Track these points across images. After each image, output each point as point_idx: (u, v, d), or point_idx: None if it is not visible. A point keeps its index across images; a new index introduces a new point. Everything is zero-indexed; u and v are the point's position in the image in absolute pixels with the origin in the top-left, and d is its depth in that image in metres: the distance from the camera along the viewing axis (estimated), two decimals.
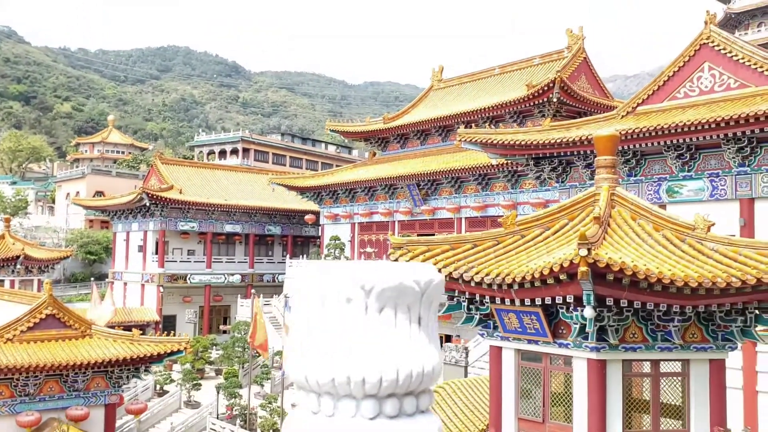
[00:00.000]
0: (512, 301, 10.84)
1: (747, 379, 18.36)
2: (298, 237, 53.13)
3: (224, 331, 45.97)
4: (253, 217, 50.03)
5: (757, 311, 10.55)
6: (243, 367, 34.43)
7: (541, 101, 32.83)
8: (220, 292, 48.55)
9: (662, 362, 10.66)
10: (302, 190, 45.02)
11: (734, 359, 18.02)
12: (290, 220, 51.94)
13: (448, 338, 33.27)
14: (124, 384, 20.28)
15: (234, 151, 78.81)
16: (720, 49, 20.26)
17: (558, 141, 21.25)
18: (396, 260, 11.41)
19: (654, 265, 9.94)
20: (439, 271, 11.14)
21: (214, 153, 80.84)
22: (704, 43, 20.56)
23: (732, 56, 20.05)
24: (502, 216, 13.51)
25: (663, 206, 20.47)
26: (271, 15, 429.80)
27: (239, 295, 44.83)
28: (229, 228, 49.09)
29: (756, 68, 19.57)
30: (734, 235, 17.96)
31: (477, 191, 35.29)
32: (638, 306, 10.01)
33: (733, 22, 68.93)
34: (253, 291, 34.40)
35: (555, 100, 32.04)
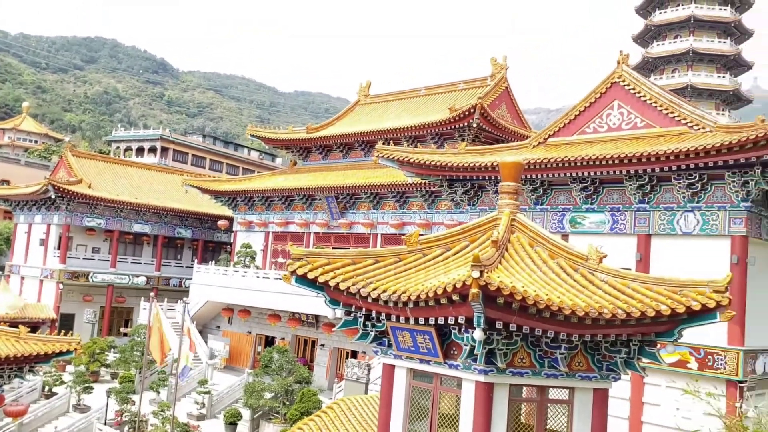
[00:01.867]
0: (407, 320, 10.78)
1: (633, 410, 18.99)
2: (210, 242, 51.93)
3: (124, 334, 44.31)
4: (163, 219, 48.57)
5: (640, 344, 10.88)
6: (140, 372, 33.15)
7: (461, 125, 33.36)
8: (124, 294, 46.79)
9: (551, 389, 10.83)
10: (217, 195, 44.05)
11: (622, 390, 18.67)
12: (203, 224, 50.73)
13: (354, 354, 33.10)
14: (5, 384, 19.10)
15: (152, 150, 76.56)
16: (630, 89, 21.12)
17: (471, 165, 21.57)
18: (294, 272, 11.20)
19: (545, 291, 10.09)
20: (337, 285, 10.98)
21: (131, 150, 78.27)
22: (615, 82, 21.40)
23: (640, 97, 20.93)
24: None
25: (566, 236, 21.09)
26: (203, 15, 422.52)
27: (143, 298, 43.28)
28: (137, 228, 47.47)
29: (661, 110, 20.49)
30: (630, 269, 18.67)
31: (395, 208, 35.46)
32: (527, 331, 10.13)
33: (650, 66, 72.47)
34: (151, 294, 33.16)
35: (475, 125, 32.62)
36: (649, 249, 19.78)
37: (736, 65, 71.47)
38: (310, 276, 11.10)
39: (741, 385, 17.63)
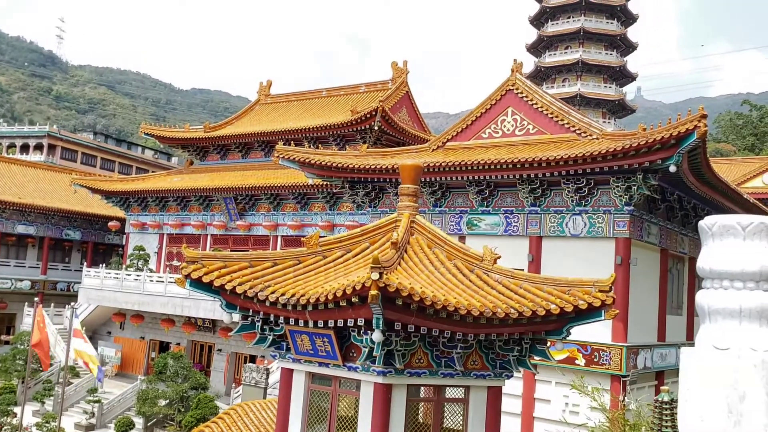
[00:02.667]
0: (306, 323, 10.70)
1: (525, 406, 19.68)
2: (101, 244, 49.64)
3: (6, 342, 41.62)
4: (50, 219, 45.99)
5: (531, 342, 11.28)
6: (23, 382, 31.22)
7: (363, 128, 33.55)
8: (6, 299, 43.94)
9: (447, 388, 11.04)
10: (108, 195, 42.14)
11: (515, 387, 19.31)
12: (93, 225, 48.41)
13: (253, 358, 32.56)
14: None
15: (39, 147, 72.32)
16: (523, 97, 21.92)
17: (372, 167, 21.72)
18: (188, 275, 10.87)
19: (442, 292, 10.29)
20: (234, 289, 10.74)
21: (15, 147, 73.63)
22: (509, 90, 22.16)
23: (533, 104, 21.77)
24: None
25: (463, 237, 21.63)
26: (96, 6, 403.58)
27: (27, 303, 40.79)
28: (21, 229, 44.71)
29: (552, 118, 21.39)
30: (523, 269, 19.35)
31: (296, 210, 35.15)
32: (425, 332, 10.29)
33: (543, 75, 75.56)
34: (36, 299, 31.32)
35: (376, 128, 32.90)
36: (540, 250, 20.58)
37: (621, 76, 75.73)
38: (206, 279, 10.81)
39: (624, 379, 18.66)
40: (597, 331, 18.11)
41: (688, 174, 18.00)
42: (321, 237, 12.13)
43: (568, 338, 11.26)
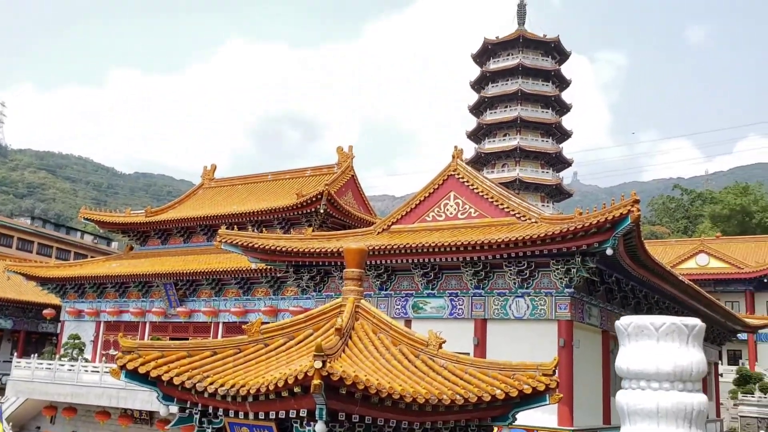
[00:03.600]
0: (246, 415, 10.32)
1: None
2: (33, 333, 47.42)
3: None
4: None
5: (477, 428, 11.12)
6: None
7: (309, 211, 33.62)
8: None
9: None
10: (44, 281, 40.61)
11: None
12: (26, 313, 46.35)
13: None
14: None
15: None
16: (464, 182, 22.48)
17: (317, 250, 21.66)
18: (123, 366, 10.45)
19: (387, 380, 10.12)
20: (171, 380, 10.33)
21: None
22: (451, 175, 22.71)
23: (473, 189, 22.32)
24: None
25: (409, 321, 21.54)
26: (38, 91, 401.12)
27: None
28: None
29: (492, 201, 21.93)
30: (469, 353, 19.28)
31: (238, 295, 34.50)
32: (370, 421, 10.03)
33: (483, 161, 77.87)
34: None
35: (322, 211, 33.01)
36: (485, 333, 20.63)
37: (557, 162, 78.67)
38: (142, 371, 10.39)
39: None
40: (543, 416, 17.99)
41: (624, 257, 18.54)
42: (263, 324, 11.90)
43: (514, 424, 11.17)
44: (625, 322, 2.08)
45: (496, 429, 11.45)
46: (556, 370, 11.22)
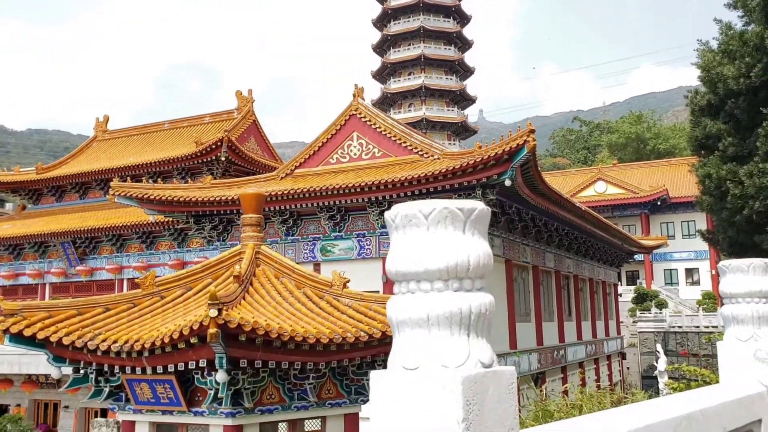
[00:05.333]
0: (144, 370, 9.96)
1: None
2: None
3: None
4: None
5: (384, 363, 11.20)
6: None
7: (209, 159, 32.57)
8: None
9: (306, 421, 10.68)
10: None
11: None
12: None
13: (104, 412, 30.26)
14: None
15: None
16: (366, 121, 22.19)
17: (217, 199, 21.03)
18: (6, 330, 9.81)
19: (290, 323, 9.97)
20: (60, 341, 9.81)
21: None
22: (353, 114, 22.37)
23: (376, 128, 22.09)
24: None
25: (318, 265, 21.42)
26: None
27: None
28: None
29: (395, 140, 21.80)
30: (378, 291, 19.42)
31: (141, 250, 33.37)
32: (274, 366, 9.90)
33: (389, 101, 77.64)
34: None
35: (223, 158, 32.05)
36: None
37: (462, 99, 79.41)
38: (27, 333, 9.81)
39: None
40: None
41: (523, 187, 18.93)
42: (157, 276, 11.43)
43: None
44: (393, 213, 1.72)
45: None
46: None
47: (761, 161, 16.05)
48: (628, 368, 42.30)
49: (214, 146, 31.81)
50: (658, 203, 55.53)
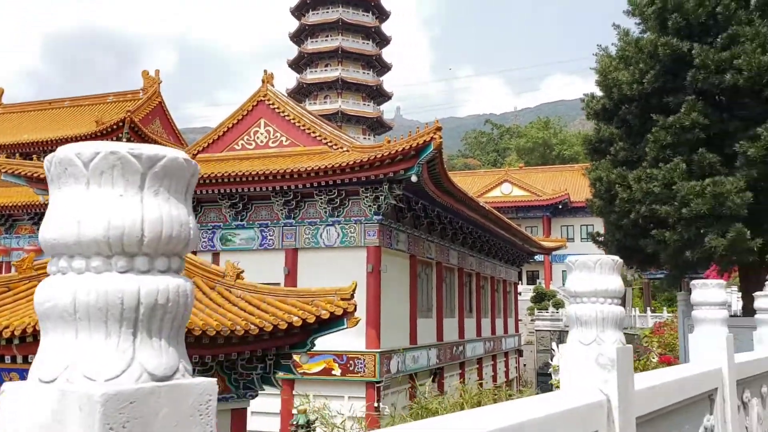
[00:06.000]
0: (14, 358, 9.31)
1: (284, 423, 19.30)
2: None
3: None
4: None
5: (276, 357, 10.93)
6: None
7: (111, 139, 31.08)
8: None
9: None
10: None
11: (273, 405, 18.86)
12: None
13: None
14: None
15: None
16: (275, 108, 21.73)
17: None
18: None
19: None
20: None
21: None
22: (261, 100, 21.85)
23: (285, 116, 21.66)
24: None
25: (217, 254, 20.80)
26: None
27: None
28: None
29: (304, 130, 21.46)
30: (279, 283, 19.02)
31: (33, 232, 31.51)
32: None
33: (305, 91, 76.80)
34: None
35: (125, 140, 30.69)
36: (296, 263, 20.45)
37: (378, 95, 79.53)
38: None
39: (378, 385, 19.11)
40: (352, 340, 18.34)
41: (428, 183, 19.02)
42: (36, 260, 10.72)
43: (325, 349, 11.12)
44: (49, 159, 1.04)
45: (294, 357, 11.34)
46: (354, 294, 11.26)
47: (649, 166, 16.70)
48: (524, 365, 43.56)
49: (115, 126, 30.47)
50: (560, 206, 57.55)
